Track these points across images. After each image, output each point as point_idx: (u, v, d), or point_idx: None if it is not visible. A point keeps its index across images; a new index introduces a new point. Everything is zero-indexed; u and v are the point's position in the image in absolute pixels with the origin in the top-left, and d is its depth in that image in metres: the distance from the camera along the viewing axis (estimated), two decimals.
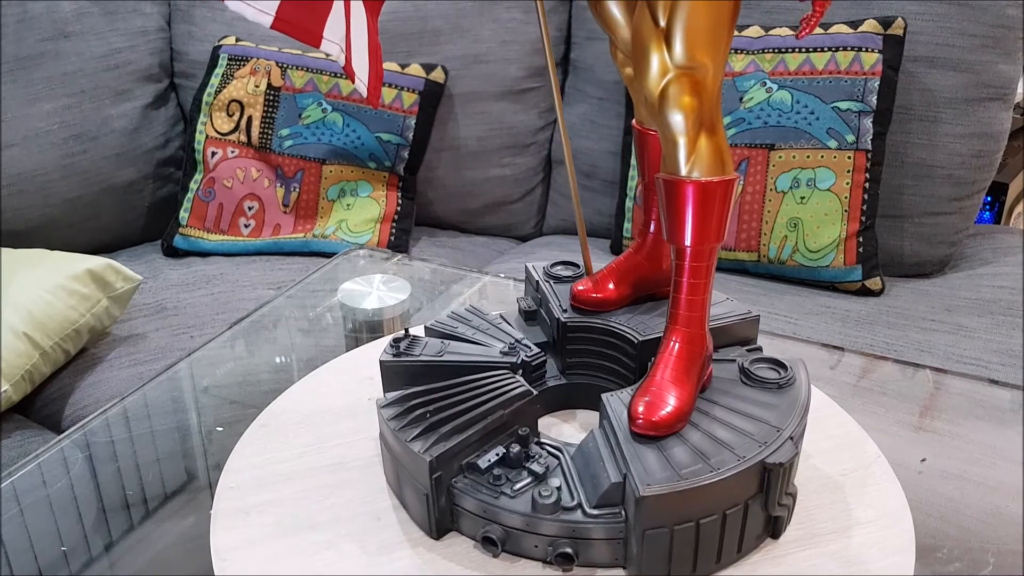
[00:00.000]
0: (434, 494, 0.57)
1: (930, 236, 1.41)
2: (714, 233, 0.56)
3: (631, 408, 0.56)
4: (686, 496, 0.52)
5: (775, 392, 0.60)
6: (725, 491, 0.53)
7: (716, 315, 0.67)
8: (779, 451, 0.54)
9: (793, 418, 0.57)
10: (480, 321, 0.72)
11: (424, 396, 0.61)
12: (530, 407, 0.61)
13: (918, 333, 1.23)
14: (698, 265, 0.57)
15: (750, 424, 0.57)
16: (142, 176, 1.62)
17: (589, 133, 1.59)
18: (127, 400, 0.82)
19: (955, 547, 0.63)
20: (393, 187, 1.56)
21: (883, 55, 1.32)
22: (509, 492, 0.56)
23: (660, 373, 0.58)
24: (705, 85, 0.55)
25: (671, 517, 0.52)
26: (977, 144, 1.37)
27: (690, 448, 0.55)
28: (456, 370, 0.64)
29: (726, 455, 0.54)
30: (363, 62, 0.68)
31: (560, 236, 1.66)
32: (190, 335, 1.25)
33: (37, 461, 0.74)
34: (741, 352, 0.66)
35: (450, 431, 0.57)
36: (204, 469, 0.75)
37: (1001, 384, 0.83)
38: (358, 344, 0.86)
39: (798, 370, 0.62)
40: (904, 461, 0.69)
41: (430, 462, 0.55)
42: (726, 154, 0.55)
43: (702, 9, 0.54)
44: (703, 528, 0.53)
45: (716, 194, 0.55)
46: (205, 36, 1.66)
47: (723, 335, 0.67)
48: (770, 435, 0.56)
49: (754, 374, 0.62)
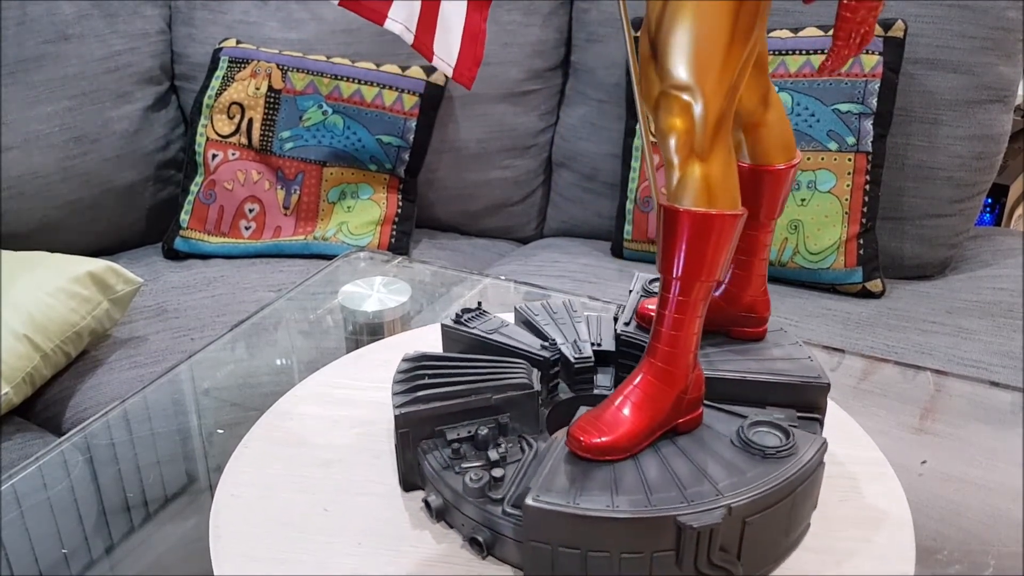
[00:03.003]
0: (400, 447, 0.61)
1: (931, 238, 1.41)
2: (704, 269, 0.52)
3: (573, 424, 0.56)
4: (571, 521, 0.51)
5: (756, 459, 0.55)
6: (617, 533, 0.50)
7: (778, 370, 0.62)
8: (702, 515, 0.50)
9: (752, 491, 0.52)
10: (565, 316, 0.72)
11: (436, 361, 0.64)
12: (527, 400, 0.61)
13: (919, 335, 1.22)
14: (685, 300, 0.53)
15: (695, 480, 0.53)
16: (143, 178, 1.63)
17: (590, 136, 1.59)
18: (128, 402, 0.82)
19: (955, 549, 0.63)
20: (394, 189, 1.56)
21: (883, 57, 1.32)
22: (457, 468, 0.58)
23: (616, 400, 0.56)
24: (694, 110, 0.50)
25: (556, 537, 0.52)
26: (977, 146, 1.37)
27: (610, 480, 0.53)
28: (494, 349, 0.67)
29: (637, 499, 0.51)
30: (451, 44, 0.69)
31: (560, 238, 1.66)
32: (191, 337, 1.25)
33: (38, 464, 0.74)
34: (772, 415, 0.59)
35: (430, 396, 0.60)
36: (205, 471, 0.75)
37: (1002, 386, 0.83)
38: (358, 346, 0.86)
39: (806, 446, 0.56)
40: (905, 463, 0.69)
41: (396, 416, 0.60)
42: (719, 188, 0.51)
43: (687, 26, 0.50)
44: (591, 560, 0.51)
45: (703, 227, 0.51)
46: (206, 38, 1.66)
47: (777, 393, 0.62)
48: (705, 496, 0.51)
49: (745, 434, 0.56)
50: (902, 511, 0.62)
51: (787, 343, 0.66)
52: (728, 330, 0.67)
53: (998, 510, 0.67)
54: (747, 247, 0.64)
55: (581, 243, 1.60)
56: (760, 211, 0.62)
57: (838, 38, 0.54)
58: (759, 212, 0.62)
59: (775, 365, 0.63)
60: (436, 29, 0.69)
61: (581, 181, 1.62)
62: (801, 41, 1.36)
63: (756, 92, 0.59)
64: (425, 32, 0.68)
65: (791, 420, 0.59)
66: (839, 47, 0.54)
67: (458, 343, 0.70)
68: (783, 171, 0.62)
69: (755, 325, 0.67)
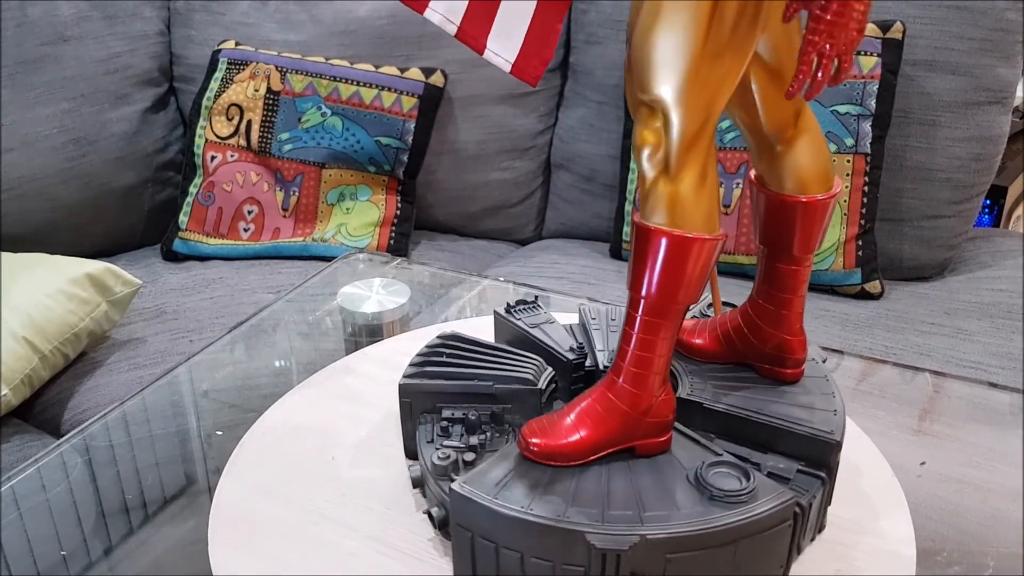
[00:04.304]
0: (403, 415, 0.65)
1: (929, 239, 1.41)
2: (670, 290, 0.50)
3: (526, 423, 0.56)
4: (487, 514, 0.51)
5: (703, 498, 0.52)
6: (527, 536, 0.51)
7: (788, 416, 0.59)
8: (611, 538, 0.49)
9: (678, 528, 0.50)
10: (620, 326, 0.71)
11: (462, 344, 0.67)
12: (529, 396, 0.62)
13: (917, 336, 1.23)
14: (651, 321, 0.51)
15: (625, 503, 0.52)
16: (142, 180, 1.62)
17: (589, 137, 1.59)
18: (126, 404, 0.82)
19: (955, 550, 0.63)
20: (392, 191, 1.56)
21: (882, 59, 1.32)
22: (437, 444, 0.60)
23: (569, 410, 0.55)
24: (666, 125, 0.48)
25: (475, 526, 0.52)
26: (976, 148, 1.37)
27: (542, 484, 0.53)
28: (529, 344, 0.68)
29: (556, 508, 0.51)
30: (513, 41, 0.70)
31: (560, 240, 1.66)
32: (189, 339, 1.25)
33: (36, 465, 0.74)
34: (767, 460, 0.57)
35: (436, 373, 0.64)
36: (203, 473, 0.75)
37: (1000, 387, 0.83)
38: (357, 348, 0.86)
39: (766, 497, 0.52)
40: (904, 464, 0.69)
41: (400, 386, 0.63)
42: (687, 207, 0.49)
43: (659, 36, 0.47)
44: (503, 556, 0.52)
45: (673, 248, 0.49)
46: (205, 40, 1.66)
47: (782, 440, 0.58)
48: (624, 521, 0.50)
49: (702, 471, 0.53)
50: (901, 512, 0.62)
51: (819, 391, 0.62)
52: (754, 364, 0.63)
53: (997, 511, 0.67)
54: (778, 282, 0.59)
55: (580, 244, 1.60)
56: (792, 245, 0.58)
57: (801, 61, 0.49)
58: (791, 246, 0.58)
59: (789, 410, 0.59)
60: (494, 24, 0.70)
61: (580, 183, 1.62)
62: None
63: (780, 114, 0.55)
64: (475, 25, 0.70)
65: (787, 472, 0.56)
66: (799, 69, 0.49)
67: (503, 332, 0.72)
68: (818, 203, 0.57)
69: (787, 366, 0.62)
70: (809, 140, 0.56)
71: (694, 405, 0.60)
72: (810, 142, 0.56)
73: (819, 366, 0.64)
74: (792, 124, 0.56)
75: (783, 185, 0.57)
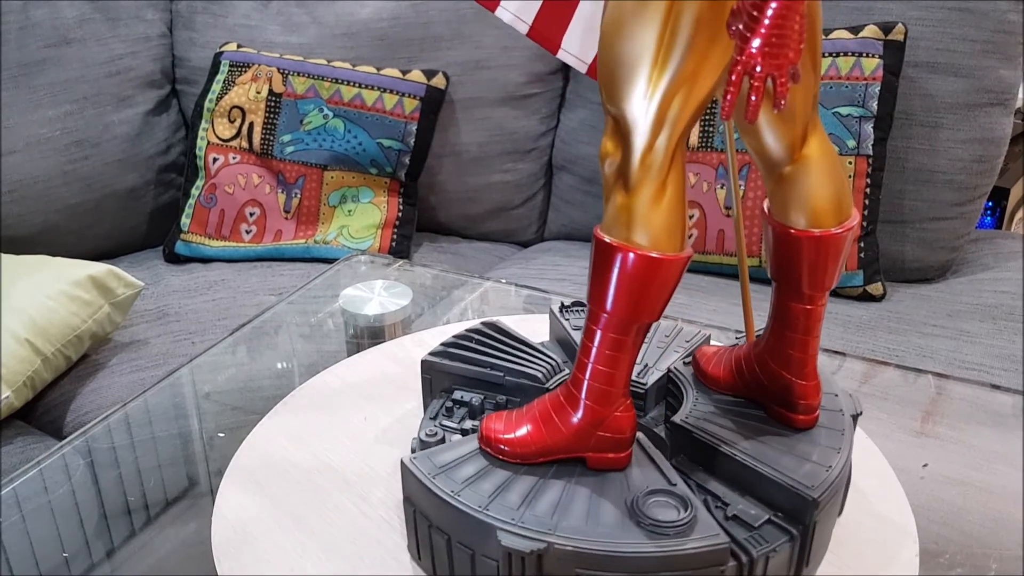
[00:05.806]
0: (423, 391, 0.68)
1: (931, 241, 1.41)
2: (629, 307, 0.48)
3: (493, 413, 0.58)
4: (421, 490, 0.53)
5: (631, 523, 0.50)
6: (448, 518, 0.52)
7: (772, 461, 0.54)
8: (518, 539, 0.49)
9: (587, 544, 0.48)
10: (665, 342, 0.70)
11: (496, 334, 0.69)
12: (535, 392, 0.63)
13: (919, 338, 1.22)
14: (615, 337, 0.49)
15: (549, 510, 0.51)
16: (144, 182, 1.63)
17: (591, 139, 1.59)
18: (128, 406, 0.82)
19: (958, 552, 0.63)
20: (394, 193, 1.56)
21: (884, 60, 1.32)
22: (436, 423, 0.62)
23: (529, 409, 0.56)
24: (623, 135, 0.46)
25: (416, 502, 0.55)
26: (978, 149, 1.37)
27: (481, 474, 0.54)
28: (567, 345, 0.70)
29: (479, 498, 0.51)
30: (589, 42, 0.71)
31: (561, 242, 1.66)
32: (191, 341, 1.25)
33: (38, 467, 0.74)
34: (740, 501, 0.54)
35: (459, 356, 0.67)
36: (206, 475, 0.75)
37: (1003, 389, 0.83)
38: (359, 350, 0.85)
39: (699, 535, 0.49)
40: (906, 466, 0.69)
41: (423, 361, 0.67)
42: (641, 222, 0.46)
43: (613, 45, 0.46)
44: (433, 535, 0.54)
45: (621, 262, 0.47)
46: (207, 42, 1.67)
47: (758, 485, 0.54)
48: (538, 525, 0.50)
49: (640, 497, 0.51)
50: (904, 514, 0.61)
51: (826, 443, 0.56)
52: (765, 404, 0.59)
53: (1000, 513, 0.67)
54: (789, 321, 0.55)
55: (582, 246, 1.60)
56: (801, 281, 0.53)
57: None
58: (800, 283, 0.53)
59: (777, 456, 0.55)
60: (570, 25, 0.70)
61: (582, 184, 1.62)
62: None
63: (784, 141, 0.52)
64: (549, 26, 0.71)
65: (754, 519, 0.52)
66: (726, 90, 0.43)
67: (555, 330, 0.74)
68: (829, 238, 0.52)
69: (797, 411, 0.57)
70: (821, 166, 0.52)
71: (683, 432, 0.58)
72: (822, 168, 0.52)
73: (841, 418, 0.59)
74: (799, 146, 0.52)
75: (789, 214, 0.53)
